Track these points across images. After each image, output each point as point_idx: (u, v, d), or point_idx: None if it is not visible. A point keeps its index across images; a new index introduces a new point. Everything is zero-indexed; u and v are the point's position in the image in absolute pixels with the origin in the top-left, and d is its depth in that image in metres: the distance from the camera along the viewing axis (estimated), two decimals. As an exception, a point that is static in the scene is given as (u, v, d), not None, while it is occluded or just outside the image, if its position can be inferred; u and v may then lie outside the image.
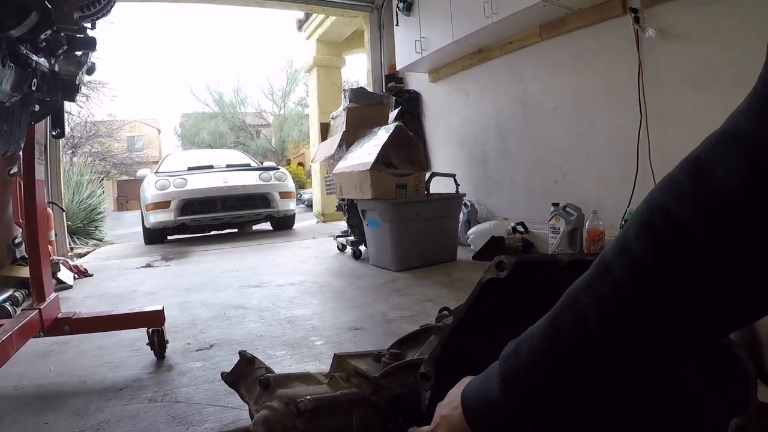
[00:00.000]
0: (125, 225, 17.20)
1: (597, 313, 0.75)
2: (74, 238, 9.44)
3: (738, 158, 0.58)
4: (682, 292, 0.65)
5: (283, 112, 38.49)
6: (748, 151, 0.57)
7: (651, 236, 0.67)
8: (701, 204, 0.62)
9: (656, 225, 0.67)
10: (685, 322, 0.68)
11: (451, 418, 1.00)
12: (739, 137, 0.59)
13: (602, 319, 0.74)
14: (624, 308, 0.71)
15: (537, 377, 0.85)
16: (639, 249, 0.69)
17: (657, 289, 0.67)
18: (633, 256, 0.69)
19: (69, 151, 24.67)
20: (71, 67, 2.01)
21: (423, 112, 8.03)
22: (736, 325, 0.71)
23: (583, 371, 0.81)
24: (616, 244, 0.75)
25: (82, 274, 5.49)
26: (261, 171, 9.79)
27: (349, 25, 10.86)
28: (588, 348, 0.78)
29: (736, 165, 0.58)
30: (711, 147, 0.63)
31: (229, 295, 4.14)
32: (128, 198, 37.26)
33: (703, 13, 3.91)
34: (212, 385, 2.21)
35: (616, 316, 0.73)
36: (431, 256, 5.06)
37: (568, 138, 5.24)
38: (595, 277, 0.77)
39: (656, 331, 0.71)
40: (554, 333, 0.82)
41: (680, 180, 0.66)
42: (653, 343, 0.73)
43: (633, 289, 0.70)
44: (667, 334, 0.70)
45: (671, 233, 0.65)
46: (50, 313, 2.46)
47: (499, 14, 5.18)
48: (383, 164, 4.88)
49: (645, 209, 0.70)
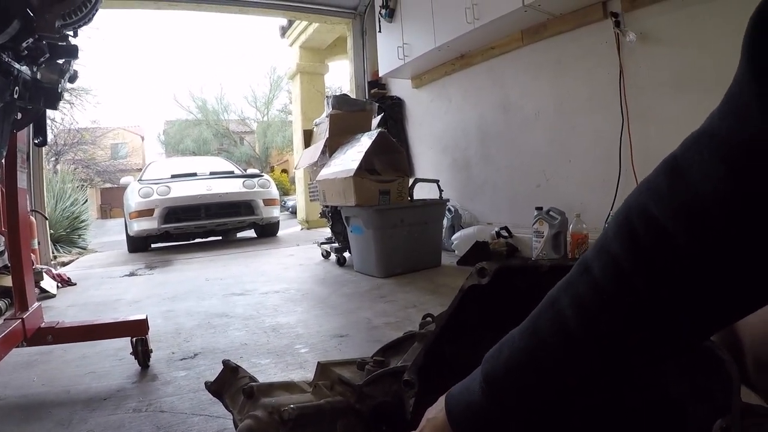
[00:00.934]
0: (109, 233, 17.11)
1: (576, 314, 0.74)
2: (57, 247, 9.41)
3: (714, 160, 0.58)
4: (661, 293, 0.65)
5: (266, 118, 38.53)
6: (724, 153, 0.57)
7: (630, 238, 0.67)
8: (680, 206, 0.62)
9: (635, 226, 0.67)
10: (665, 324, 0.68)
11: (436, 421, 0.98)
12: (714, 137, 0.59)
13: (581, 320, 0.74)
14: (603, 309, 0.71)
15: (517, 378, 0.84)
16: (618, 250, 0.69)
17: (636, 290, 0.67)
18: (612, 256, 0.70)
19: (52, 158, 24.64)
20: (53, 75, 2.01)
21: (406, 118, 8.06)
22: (717, 327, 0.70)
23: (563, 373, 0.79)
24: (596, 244, 0.75)
25: (65, 283, 5.46)
26: (245, 178, 9.79)
27: (332, 31, 10.89)
28: (567, 349, 0.77)
29: (714, 167, 0.58)
30: (687, 148, 0.63)
31: (213, 304, 4.13)
32: (112, 206, 37.11)
33: (683, 16, 3.95)
34: (197, 395, 2.21)
35: (594, 317, 0.72)
36: (415, 262, 5.05)
37: (551, 142, 5.27)
38: (575, 277, 0.77)
39: (636, 333, 0.70)
40: (534, 334, 0.82)
41: (659, 182, 0.66)
42: (633, 346, 0.72)
43: (612, 290, 0.70)
44: (647, 336, 0.70)
45: (650, 234, 0.65)
46: (33, 322, 2.45)
47: (481, 20, 5.21)
48: (366, 171, 4.88)
49: (624, 210, 0.70)
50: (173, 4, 7.65)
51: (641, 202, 0.67)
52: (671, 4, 4.02)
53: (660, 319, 0.67)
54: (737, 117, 0.57)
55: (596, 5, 4.59)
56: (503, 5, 4.91)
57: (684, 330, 0.69)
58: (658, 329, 0.69)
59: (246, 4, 8.10)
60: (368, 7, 8.56)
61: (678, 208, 0.62)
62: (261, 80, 65.00)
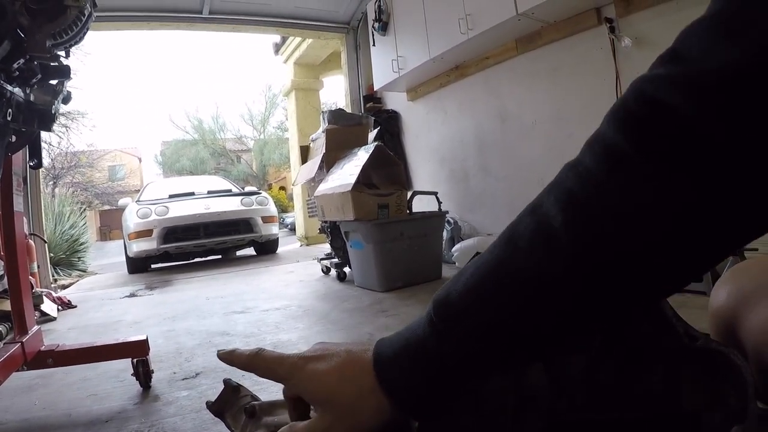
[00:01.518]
0: (108, 255, 17.13)
1: (562, 209, 0.58)
2: (57, 270, 9.41)
3: (716, 36, 0.51)
4: (662, 170, 0.52)
5: (263, 136, 38.73)
6: (724, 28, 0.50)
7: (627, 118, 0.56)
8: (689, 84, 0.51)
9: (631, 108, 0.56)
10: (681, 217, 0.52)
11: (353, 356, 0.75)
12: (705, 19, 0.54)
13: (568, 216, 0.58)
14: (598, 198, 0.56)
15: (480, 300, 0.64)
16: (613, 134, 0.57)
17: (636, 171, 0.54)
18: (606, 141, 0.58)
19: (50, 182, 24.73)
20: (47, 96, 1.99)
21: (402, 131, 8.05)
22: (754, 231, 0.54)
23: (543, 290, 0.60)
24: (585, 143, 0.62)
25: (65, 306, 5.44)
26: (243, 196, 9.82)
27: (326, 47, 10.91)
28: (551, 256, 0.59)
29: (717, 44, 0.50)
30: (684, 38, 0.56)
31: (214, 322, 4.10)
32: (111, 228, 37.23)
33: (678, 20, 3.92)
34: (199, 414, 2.19)
35: (586, 211, 0.57)
36: (416, 275, 5.04)
37: (548, 151, 5.26)
38: (560, 176, 0.63)
39: (632, 235, 0.54)
40: (507, 243, 0.64)
41: (654, 72, 0.56)
42: (632, 251, 0.55)
43: (606, 176, 0.56)
44: (646, 241, 0.54)
45: (653, 114, 0.53)
46: (33, 346, 2.43)
47: (475, 30, 5.21)
48: (364, 185, 4.87)
49: (616, 104, 0.59)
50: (166, 24, 7.66)
51: (638, 88, 0.56)
52: (666, 7, 4.02)
53: (674, 209, 0.53)
54: None
55: (590, 11, 4.59)
56: (496, 14, 4.91)
57: (696, 234, 0.54)
58: (668, 223, 0.53)
59: (239, 22, 8.10)
60: (361, 21, 8.57)
61: (688, 87, 0.51)
62: (257, 98, 65.14)
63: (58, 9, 1.80)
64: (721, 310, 1.04)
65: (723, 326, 1.03)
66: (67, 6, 1.81)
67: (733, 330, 1.00)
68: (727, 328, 1.02)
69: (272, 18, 8.30)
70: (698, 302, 3.00)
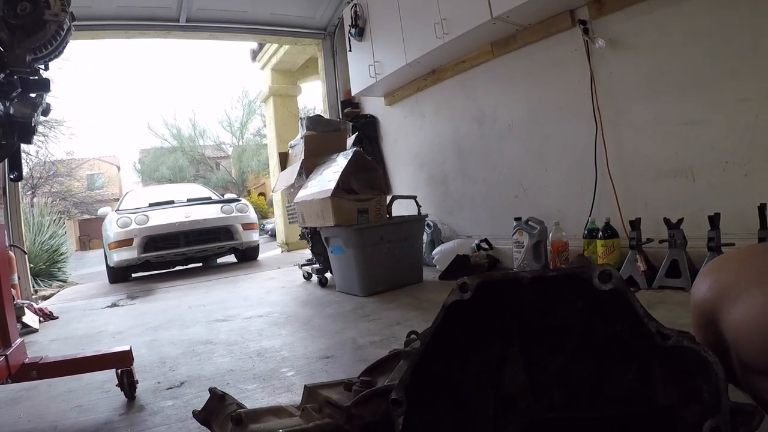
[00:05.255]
0: (89, 264, 17.00)
1: None
2: (38, 281, 9.35)
3: None
4: None
5: (241, 143, 38.53)
6: None
7: None
8: None
9: None
10: None
11: None
12: None
13: None
14: None
15: None
16: None
17: None
18: None
19: (29, 192, 24.52)
20: (26, 109, 2.00)
21: (381, 135, 8.07)
22: None
23: None
24: None
25: (47, 317, 5.41)
26: (222, 203, 9.81)
27: (303, 53, 10.90)
28: None
29: None
30: None
31: (196, 331, 4.10)
32: (91, 237, 36.87)
33: (651, 21, 4.00)
34: (185, 424, 2.19)
35: None
36: (397, 279, 5.06)
37: (526, 152, 5.29)
38: None
39: None
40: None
41: None
42: None
43: None
44: None
45: None
46: (16, 358, 2.43)
47: (451, 34, 5.24)
48: (344, 190, 4.89)
49: None
50: (143, 32, 7.64)
51: None
52: (638, 9, 4.06)
53: None
54: None
55: (564, 14, 4.63)
56: (472, 18, 4.93)
57: None
58: None
59: (216, 29, 8.10)
60: (338, 26, 8.59)
61: None
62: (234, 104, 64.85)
63: (38, 24, 1.82)
64: (702, 303, 1.08)
65: (704, 318, 1.07)
66: (47, 21, 1.82)
67: (714, 322, 1.04)
68: (708, 321, 1.06)
69: (249, 25, 8.31)
70: (677, 298, 3.04)
